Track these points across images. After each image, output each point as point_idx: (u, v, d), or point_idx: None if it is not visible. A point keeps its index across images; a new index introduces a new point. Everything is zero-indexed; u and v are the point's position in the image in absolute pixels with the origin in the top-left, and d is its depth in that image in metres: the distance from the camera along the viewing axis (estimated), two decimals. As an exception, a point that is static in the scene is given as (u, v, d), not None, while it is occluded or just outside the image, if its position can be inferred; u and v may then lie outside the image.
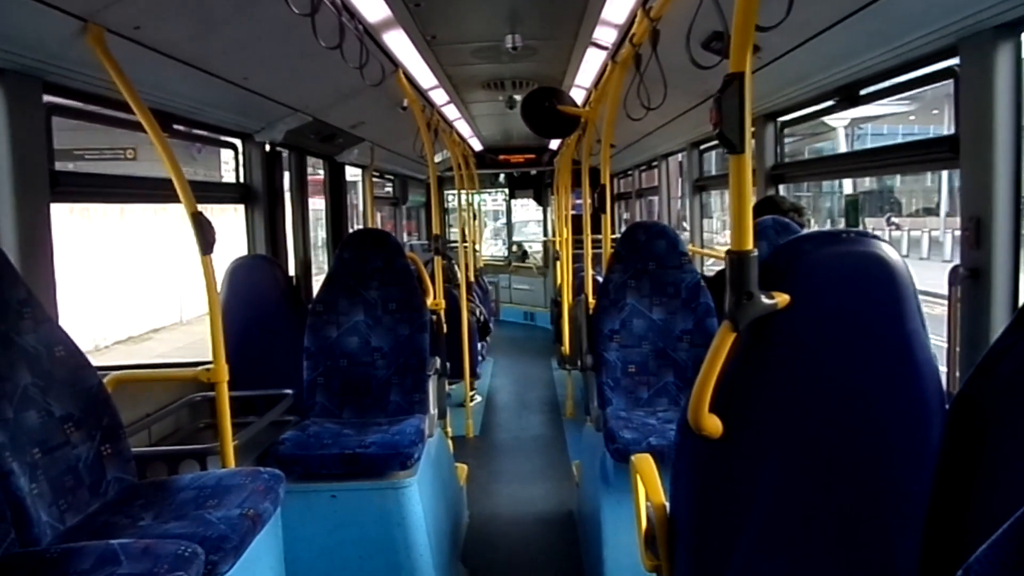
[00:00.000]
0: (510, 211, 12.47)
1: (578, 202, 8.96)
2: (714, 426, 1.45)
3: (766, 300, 1.35)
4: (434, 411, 3.57)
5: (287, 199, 4.62)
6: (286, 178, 4.67)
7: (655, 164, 7.47)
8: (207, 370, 2.56)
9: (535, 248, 12.03)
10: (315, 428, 3.26)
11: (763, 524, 1.46)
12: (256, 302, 3.75)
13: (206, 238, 2.49)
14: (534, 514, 4.27)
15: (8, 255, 2.22)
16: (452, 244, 9.03)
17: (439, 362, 3.76)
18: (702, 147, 5.71)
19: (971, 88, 2.32)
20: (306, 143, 4.70)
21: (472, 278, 7.57)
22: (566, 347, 6.32)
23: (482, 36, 4.20)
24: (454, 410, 5.71)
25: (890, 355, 1.37)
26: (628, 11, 3.31)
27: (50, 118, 2.62)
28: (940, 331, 2.41)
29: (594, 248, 5.23)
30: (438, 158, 7.74)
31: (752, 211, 3.89)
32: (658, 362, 3.43)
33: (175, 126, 3.42)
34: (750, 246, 1.36)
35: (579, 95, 5.28)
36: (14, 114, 2.39)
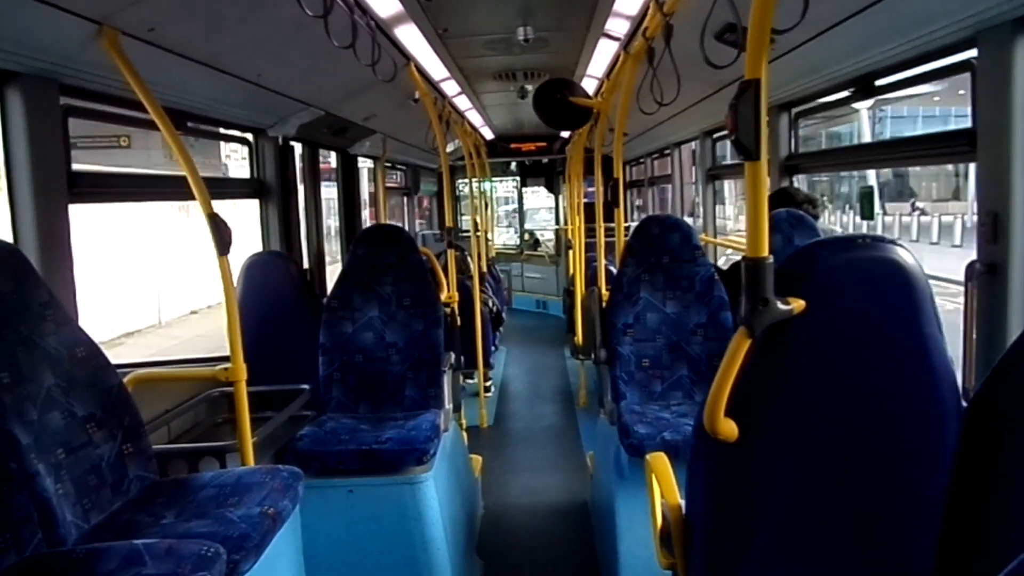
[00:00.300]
0: (522, 199, 12.44)
1: (590, 190, 8.94)
2: (730, 430, 1.45)
3: (782, 306, 1.35)
4: (449, 406, 3.59)
5: (300, 192, 4.63)
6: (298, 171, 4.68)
7: (667, 152, 7.44)
8: (225, 369, 2.59)
9: (547, 236, 12.01)
10: (332, 424, 3.29)
11: (778, 526, 1.46)
12: (271, 298, 3.77)
13: (223, 239, 2.51)
14: (548, 505, 4.30)
15: (29, 257, 2.26)
16: (464, 232, 9.03)
17: (454, 357, 3.77)
18: (715, 136, 5.67)
19: (988, 81, 2.30)
20: (319, 137, 4.71)
21: (485, 268, 7.57)
22: (579, 337, 6.32)
23: (494, 28, 4.19)
24: (468, 400, 5.74)
25: (906, 359, 1.37)
26: (641, 2, 3.28)
27: (67, 119, 2.64)
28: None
29: (607, 237, 5.23)
30: (449, 148, 7.72)
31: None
32: (672, 356, 3.43)
33: (189, 123, 3.44)
34: (765, 252, 1.36)
35: (591, 85, 5.26)
36: (32, 117, 2.41)
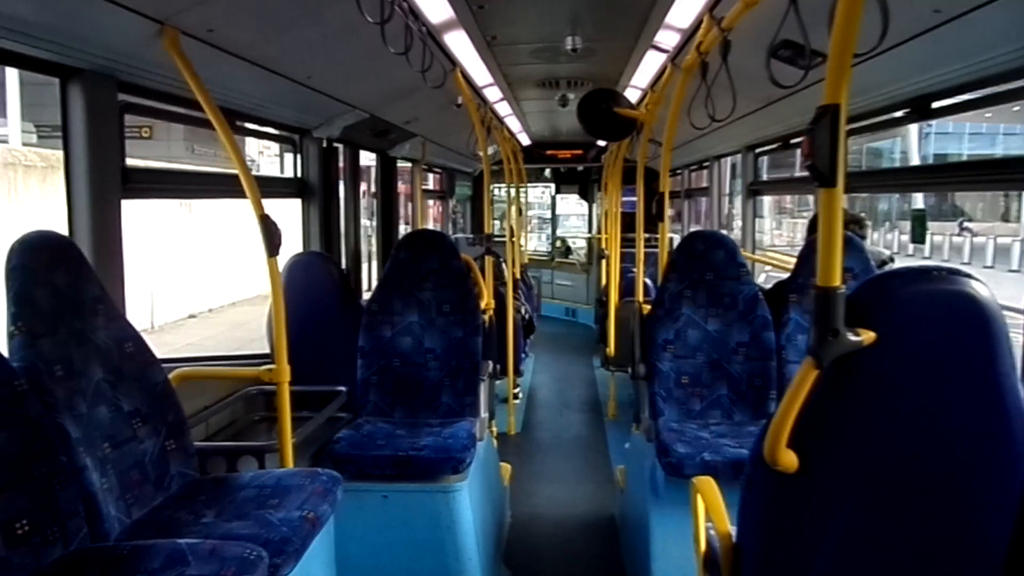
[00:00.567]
0: (555, 206, 12.41)
1: (626, 199, 8.89)
2: (790, 461, 1.42)
3: (852, 337, 1.32)
4: (485, 414, 3.58)
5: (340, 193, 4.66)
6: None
7: (706, 165, 7.36)
8: (270, 370, 2.61)
9: (578, 244, 11.97)
10: (368, 427, 3.29)
11: (835, 561, 1.43)
12: (311, 298, 3.78)
13: (272, 240, 2.53)
14: (576, 517, 4.27)
15: (82, 250, 2.29)
16: (499, 238, 9.04)
17: (492, 366, 3.76)
18: (757, 151, 5.60)
19: None
20: (361, 138, 4.73)
21: (518, 274, 7.55)
22: (611, 348, 6.28)
23: (542, 37, 4.18)
24: (496, 406, 5.73)
25: (978, 398, 1.32)
26: (694, 16, 3.24)
27: (123, 116, 2.68)
28: None
29: (645, 248, 5.17)
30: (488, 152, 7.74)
31: (810, 223, 3.80)
32: (712, 374, 3.38)
33: (238, 122, 3.47)
34: (838, 281, 1.33)
35: (633, 95, 5.22)
36: (91, 113, 2.45)
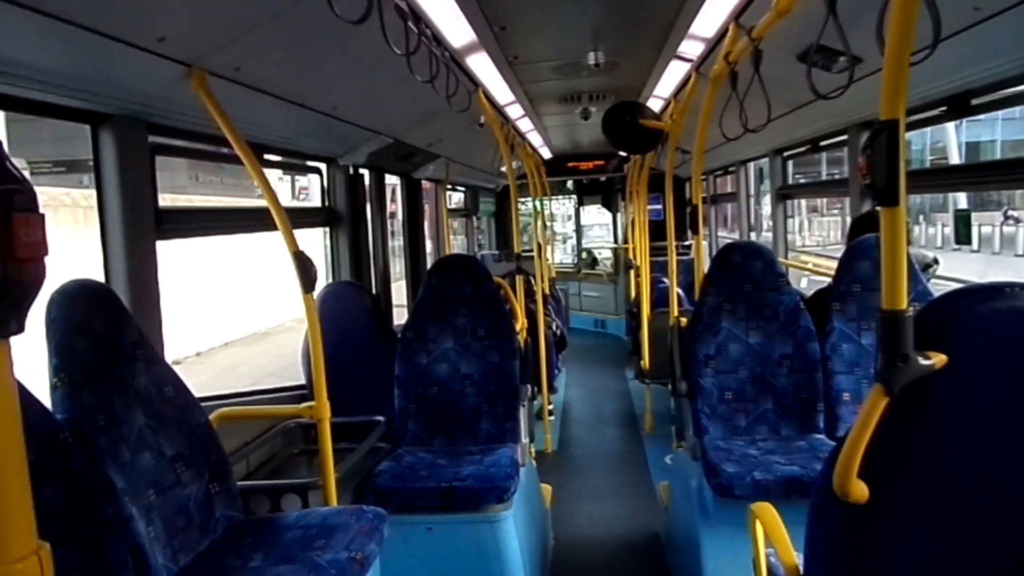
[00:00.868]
0: (579, 217, 12.36)
1: (653, 207, 8.83)
2: (861, 492, 1.36)
3: (923, 361, 1.26)
4: (526, 439, 3.53)
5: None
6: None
7: (732, 170, 7.29)
8: (310, 407, 2.59)
9: (604, 255, 11.90)
10: (409, 458, 3.26)
11: None
12: (344, 328, 3.77)
13: (308, 276, 2.51)
14: (619, 536, 4.18)
15: (119, 294, 2.29)
16: (526, 253, 9.03)
17: (531, 389, 3.71)
18: (785, 154, 5.52)
19: None
20: (385, 163, 4.73)
21: (547, 290, 7.50)
22: (645, 361, 6.20)
23: (564, 54, 4.15)
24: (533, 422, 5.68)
25: None
26: (719, 24, 3.20)
27: (154, 157, 2.69)
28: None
29: (664, 255, 5.09)
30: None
31: (851, 229, 3.70)
32: (756, 388, 3.30)
33: (265, 156, 3.48)
34: (904, 305, 1.26)
35: (656, 105, 5.18)
36: (124, 157, 2.46)
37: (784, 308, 3.32)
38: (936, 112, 3.28)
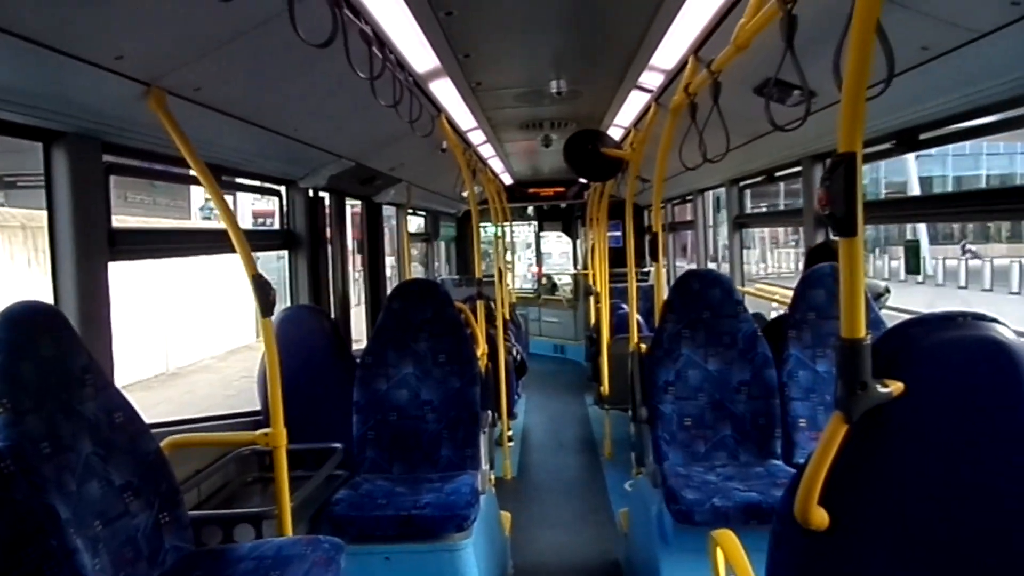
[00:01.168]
0: (539, 244, 12.42)
1: (612, 234, 8.92)
2: (821, 519, 1.37)
3: (881, 389, 1.28)
4: (486, 466, 3.49)
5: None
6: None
7: (689, 198, 7.41)
8: (265, 434, 2.52)
9: (563, 280, 11.96)
10: (368, 486, 3.19)
11: None
12: (303, 353, 3.70)
13: (267, 299, 2.47)
14: (578, 563, 4.15)
15: (68, 317, 2.21)
16: (486, 278, 9.03)
17: (492, 415, 3.68)
18: (742, 184, 5.63)
19: None
20: (346, 186, 4.70)
21: (507, 315, 7.50)
22: (605, 387, 6.21)
23: (526, 82, 4.19)
24: (493, 449, 5.63)
25: (1013, 445, 1.28)
26: (679, 57, 3.27)
27: (108, 177, 2.63)
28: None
29: (624, 282, 5.13)
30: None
31: (807, 258, 3.77)
32: (715, 415, 3.33)
33: (224, 177, 3.42)
34: (862, 333, 1.29)
35: (617, 133, 5.25)
36: (76, 176, 2.40)
37: (742, 335, 3.37)
38: (887, 146, 3.39)
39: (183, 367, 12.29)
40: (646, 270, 9.25)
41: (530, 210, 11.89)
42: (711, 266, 7.42)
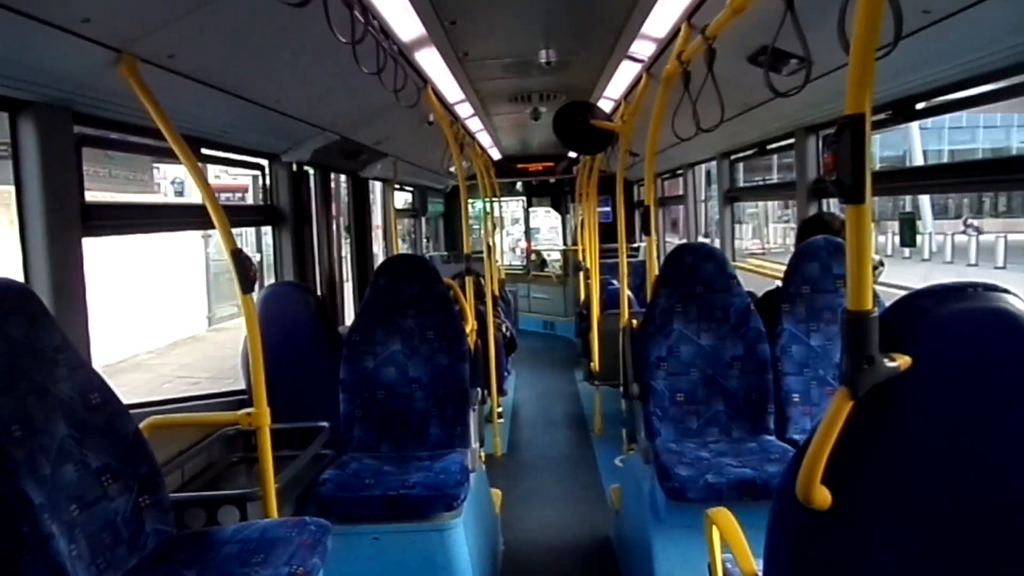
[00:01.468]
0: (528, 220, 12.33)
1: (602, 209, 8.85)
2: (824, 498, 1.32)
3: (888, 363, 1.22)
4: (476, 444, 3.44)
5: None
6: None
7: (679, 173, 7.34)
8: (248, 414, 2.46)
9: (553, 256, 11.90)
10: (355, 465, 3.14)
11: None
12: (287, 331, 3.62)
13: (247, 275, 2.38)
14: (569, 540, 4.13)
15: (41, 296, 2.13)
16: (476, 254, 8.97)
17: (481, 392, 3.63)
18: (733, 157, 5.57)
19: None
20: (331, 160, 4.60)
21: (497, 291, 7.43)
22: (595, 363, 6.18)
23: (515, 52, 4.09)
24: (483, 426, 5.60)
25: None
26: (671, 24, 3.18)
27: (80, 149, 2.52)
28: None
29: (614, 257, 5.08)
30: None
31: (799, 231, 3.72)
32: (707, 390, 3.29)
33: (203, 150, 3.32)
34: (870, 305, 1.23)
35: (607, 106, 5.16)
36: (45, 147, 2.30)
37: (735, 310, 3.32)
38: (883, 116, 3.33)
39: (111, 364, 10.54)
40: (636, 246, 9.20)
41: (519, 186, 11.78)
42: (703, 241, 7.38)
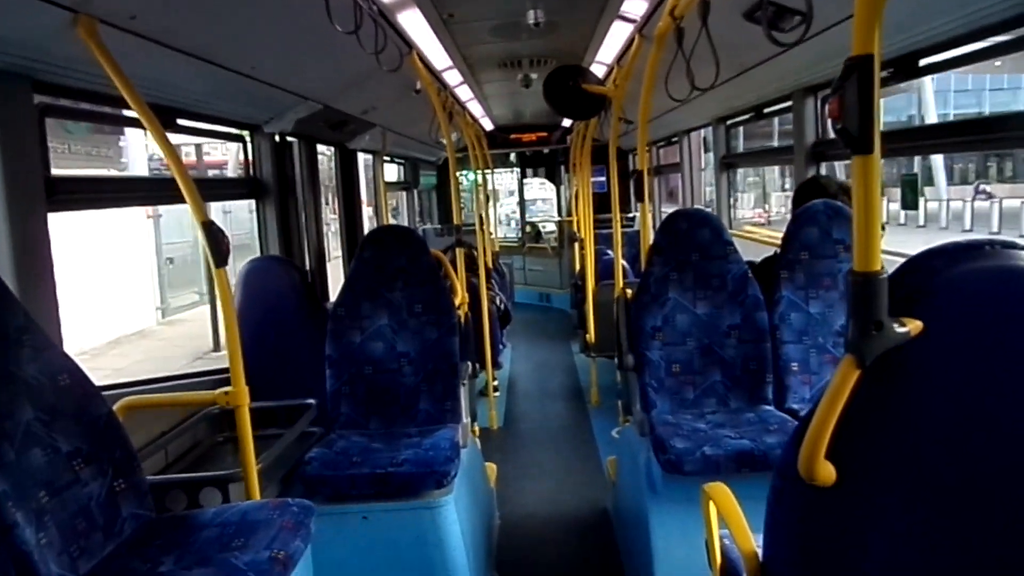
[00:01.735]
0: (522, 191, 12.18)
1: (596, 179, 8.72)
2: (828, 474, 1.23)
3: (898, 329, 1.12)
4: (467, 419, 3.36)
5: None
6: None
7: (675, 140, 7.21)
8: (226, 393, 2.37)
9: (548, 228, 11.78)
10: (342, 443, 3.06)
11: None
12: (271, 306, 3.53)
13: (219, 249, 2.28)
14: (567, 514, 4.09)
15: (3, 275, 2.03)
16: (467, 226, 8.84)
17: (471, 366, 3.54)
18: (729, 123, 5.44)
19: None
20: (316, 131, 4.46)
21: (490, 264, 7.34)
22: (591, 334, 6.10)
23: (502, 12, 3.94)
24: (477, 400, 5.53)
25: None
26: (665, -21, 3.04)
27: (43, 120, 2.40)
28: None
29: (609, 228, 4.98)
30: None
31: (795, 195, 3.61)
32: (704, 360, 3.20)
33: (179, 120, 3.19)
34: (878, 266, 1.12)
35: (600, 71, 5.02)
36: (4, 118, 2.18)
37: (732, 277, 3.22)
38: (884, 74, 3.20)
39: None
40: (631, 215, 9.10)
41: (513, 157, 11.63)
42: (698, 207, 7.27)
